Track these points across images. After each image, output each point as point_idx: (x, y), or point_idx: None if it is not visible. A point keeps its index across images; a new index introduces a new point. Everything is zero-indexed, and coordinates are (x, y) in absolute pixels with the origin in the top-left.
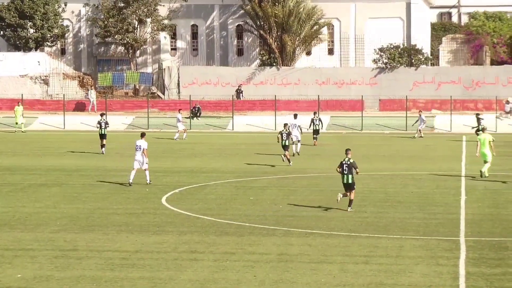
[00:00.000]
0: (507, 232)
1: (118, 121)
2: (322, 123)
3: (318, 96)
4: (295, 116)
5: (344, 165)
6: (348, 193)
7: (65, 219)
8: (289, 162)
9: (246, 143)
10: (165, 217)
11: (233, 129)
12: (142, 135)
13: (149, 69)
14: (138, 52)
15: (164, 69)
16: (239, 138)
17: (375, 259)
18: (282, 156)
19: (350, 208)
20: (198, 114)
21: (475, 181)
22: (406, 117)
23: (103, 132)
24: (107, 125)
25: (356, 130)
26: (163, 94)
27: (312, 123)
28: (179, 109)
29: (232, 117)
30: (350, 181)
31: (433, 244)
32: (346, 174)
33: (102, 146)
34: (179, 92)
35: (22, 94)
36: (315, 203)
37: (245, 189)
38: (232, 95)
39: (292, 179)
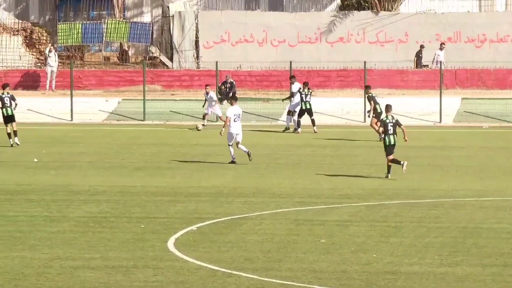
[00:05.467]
0: None
1: (92, 107)
2: (310, 96)
3: (441, 62)
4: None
5: (389, 125)
6: (392, 156)
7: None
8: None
9: (312, 145)
10: (174, 274)
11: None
12: (235, 99)
13: (145, 18)
14: None
15: (173, 16)
16: (299, 136)
17: None
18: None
19: (389, 174)
20: (230, 93)
21: None
22: None
23: (9, 113)
24: (13, 102)
25: (508, 123)
26: (171, 60)
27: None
28: (206, 85)
29: (290, 98)
30: (397, 141)
31: None
32: (392, 134)
33: (11, 134)
34: (197, 57)
35: None
36: (445, 250)
37: (311, 225)
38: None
39: (394, 209)
